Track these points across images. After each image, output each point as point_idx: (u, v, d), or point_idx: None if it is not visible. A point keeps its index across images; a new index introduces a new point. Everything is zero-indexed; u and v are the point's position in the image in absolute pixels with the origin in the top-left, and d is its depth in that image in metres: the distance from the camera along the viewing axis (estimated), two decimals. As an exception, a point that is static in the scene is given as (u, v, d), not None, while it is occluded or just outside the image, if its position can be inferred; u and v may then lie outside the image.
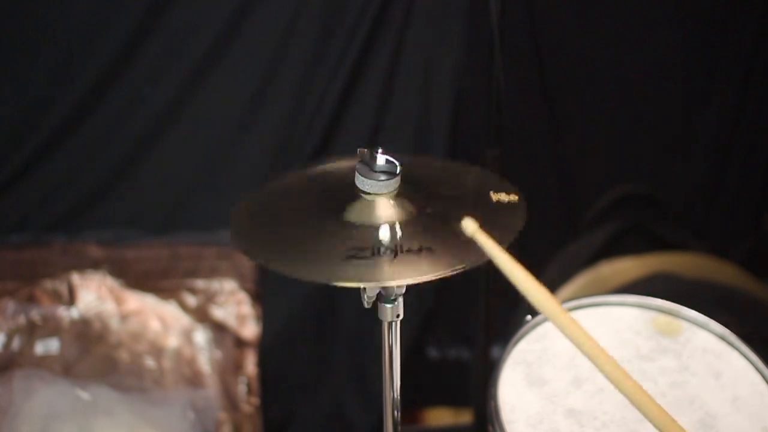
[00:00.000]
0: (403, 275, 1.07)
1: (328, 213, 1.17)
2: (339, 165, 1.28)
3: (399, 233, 1.13)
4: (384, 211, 1.15)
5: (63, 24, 2.01)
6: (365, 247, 1.09)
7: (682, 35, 2.16)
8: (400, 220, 1.14)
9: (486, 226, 1.08)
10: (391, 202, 1.16)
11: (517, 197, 1.21)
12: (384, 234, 1.12)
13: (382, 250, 1.09)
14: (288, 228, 1.17)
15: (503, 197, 1.20)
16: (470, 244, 1.07)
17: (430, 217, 1.16)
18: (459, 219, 1.09)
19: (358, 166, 1.15)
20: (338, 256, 1.08)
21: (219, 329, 2.07)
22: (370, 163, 1.14)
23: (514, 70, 1.71)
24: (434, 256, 1.09)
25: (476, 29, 1.95)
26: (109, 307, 2.05)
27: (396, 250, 1.09)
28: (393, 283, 1.10)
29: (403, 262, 1.08)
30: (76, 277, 2.06)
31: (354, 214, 1.15)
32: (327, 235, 1.13)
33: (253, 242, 1.15)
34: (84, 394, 1.87)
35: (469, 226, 1.05)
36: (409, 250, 1.09)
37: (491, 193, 1.21)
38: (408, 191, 1.17)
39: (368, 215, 1.15)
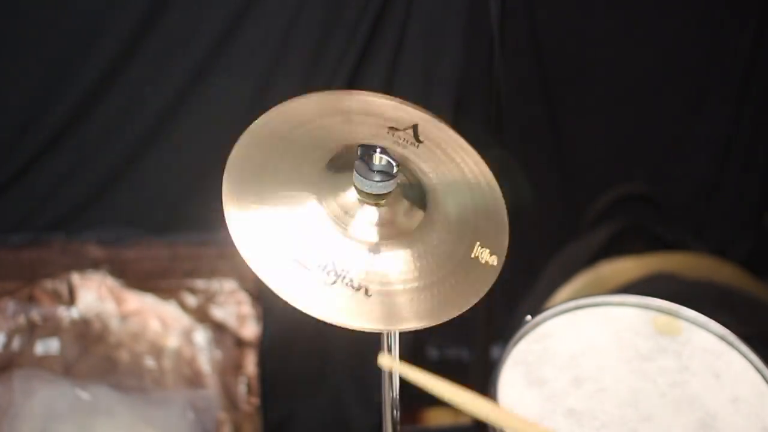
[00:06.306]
0: (360, 316, 1.03)
1: (315, 199, 1.11)
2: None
3: (367, 263, 1.07)
4: (367, 227, 1.09)
5: (62, 24, 2.01)
6: (331, 270, 1.05)
7: (682, 35, 2.16)
8: (377, 242, 1.08)
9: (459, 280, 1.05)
10: (376, 216, 1.10)
11: (496, 262, 1.12)
12: (354, 260, 1.06)
13: (346, 279, 1.04)
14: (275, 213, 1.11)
15: (485, 256, 1.12)
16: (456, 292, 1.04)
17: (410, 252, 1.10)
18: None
19: (356, 163, 1.11)
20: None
21: (219, 329, 2.07)
22: (368, 162, 1.10)
23: (514, 70, 1.71)
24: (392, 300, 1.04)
25: (476, 29, 1.95)
26: (109, 307, 2.05)
27: (361, 287, 1.04)
28: (349, 325, 1.06)
29: (371, 302, 1.03)
30: (76, 277, 2.06)
31: (340, 214, 1.11)
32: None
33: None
34: (84, 394, 1.87)
35: (386, 362, 1.01)
36: (367, 291, 1.04)
37: (477, 244, 1.13)
38: (402, 200, 1.12)
39: (352, 224, 1.09)
